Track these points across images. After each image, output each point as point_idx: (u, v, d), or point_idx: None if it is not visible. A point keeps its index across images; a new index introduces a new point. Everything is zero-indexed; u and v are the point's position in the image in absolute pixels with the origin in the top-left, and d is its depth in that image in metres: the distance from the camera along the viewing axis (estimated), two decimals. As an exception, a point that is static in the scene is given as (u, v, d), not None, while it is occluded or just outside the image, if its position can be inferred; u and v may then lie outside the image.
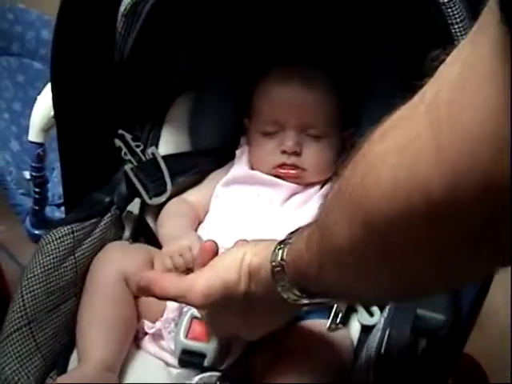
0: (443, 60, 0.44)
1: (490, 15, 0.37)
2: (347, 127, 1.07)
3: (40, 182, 1.50)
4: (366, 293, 0.62)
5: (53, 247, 0.89)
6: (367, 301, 0.85)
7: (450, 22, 0.80)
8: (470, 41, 0.41)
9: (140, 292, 0.79)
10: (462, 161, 0.39)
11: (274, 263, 0.66)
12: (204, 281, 0.72)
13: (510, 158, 0.37)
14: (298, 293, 0.66)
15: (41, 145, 1.44)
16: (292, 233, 0.67)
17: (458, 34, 0.80)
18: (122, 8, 0.93)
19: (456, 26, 0.80)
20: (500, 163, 0.37)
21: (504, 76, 0.37)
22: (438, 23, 0.81)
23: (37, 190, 1.51)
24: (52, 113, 1.34)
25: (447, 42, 0.80)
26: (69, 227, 0.91)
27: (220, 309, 0.74)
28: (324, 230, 0.57)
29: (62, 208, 1.61)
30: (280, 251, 0.66)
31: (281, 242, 0.67)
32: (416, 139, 0.43)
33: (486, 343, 1.23)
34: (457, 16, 0.79)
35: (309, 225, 0.62)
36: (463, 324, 0.82)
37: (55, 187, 1.61)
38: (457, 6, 0.79)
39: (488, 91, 0.37)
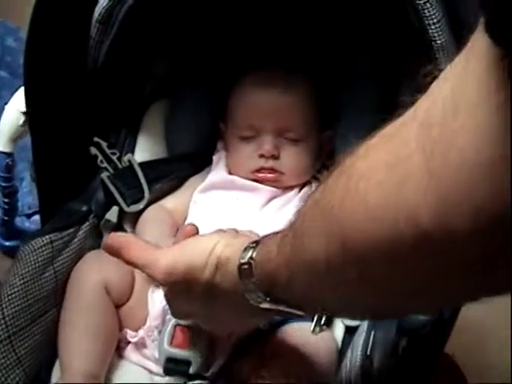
0: (436, 76, 0.43)
1: (482, 33, 0.37)
2: (325, 129, 1.06)
3: (9, 192, 1.47)
4: (336, 308, 0.61)
5: (31, 258, 0.87)
6: (337, 315, 0.83)
7: (426, 22, 0.80)
8: (463, 57, 0.40)
9: (108, 252, 0.77)
10: (457, 189, 0.38)
11: (242, 260, 0.65)
12: (169, 258, 0.71)
13: (509, 187, 0.36)
14: (261, 295, 0.64)
15: (9, 155, 1.42)
16: (268, 235, 0.66)
17: (435, 34, 0.80)
18: (96, 14, 0.92)
19: (433, 27, 0.80)
20: (498, 193, 0.36)
21: (497, 96, 0.36)
22: (415, 24, 0.81)
23: (6, 200, 1.48)
24: (20, 122, 1.33)
25: (424, 44, 0.81)
26: (47, 237, 0.90)
27: (180, 290, 0.72)
28: (299, 237, 0.56)
29: (32, 218, 1.60)
30: (251, 250, 0.65)
31: (255, 242, 0.66)
32: (406, 160, 0.42)
33: (465, 343, 1.24)
34: (433, 17, 0.80)
35: (283, 229, 0.61)
36: (444, 323, 0.82)
37: (25, 197, 1.59)
38: (433, 7, 0.80)
39: (481, 114, 0.36)
